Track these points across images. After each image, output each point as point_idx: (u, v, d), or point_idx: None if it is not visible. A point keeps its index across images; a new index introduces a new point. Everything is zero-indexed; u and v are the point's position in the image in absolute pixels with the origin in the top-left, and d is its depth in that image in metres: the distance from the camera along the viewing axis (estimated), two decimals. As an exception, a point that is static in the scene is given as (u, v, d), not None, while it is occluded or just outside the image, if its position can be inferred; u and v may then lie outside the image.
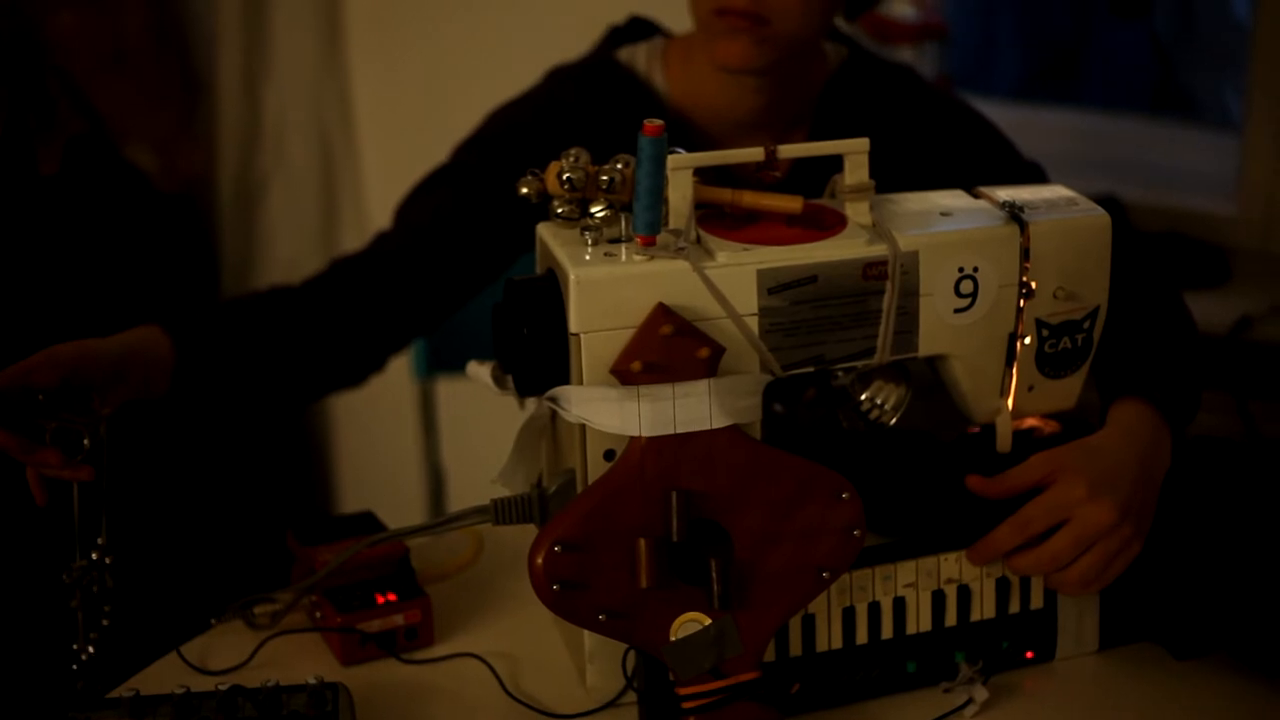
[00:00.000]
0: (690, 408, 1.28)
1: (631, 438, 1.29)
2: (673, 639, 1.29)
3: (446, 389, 2.32)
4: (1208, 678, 1.44)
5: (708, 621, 1.29)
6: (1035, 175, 1.76)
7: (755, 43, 1.61)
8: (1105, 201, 1.61)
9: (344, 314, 1.66)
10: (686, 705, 1.30)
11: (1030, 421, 1.49)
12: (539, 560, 1.27)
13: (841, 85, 1.74)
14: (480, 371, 1.42)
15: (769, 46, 1.62)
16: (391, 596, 1.47)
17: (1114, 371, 1.50)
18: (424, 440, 2.30)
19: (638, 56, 1.76)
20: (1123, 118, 3.25)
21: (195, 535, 2.77)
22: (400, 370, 2.37)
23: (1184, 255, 2.49)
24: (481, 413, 2.02)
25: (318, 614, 1.49)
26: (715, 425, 1.29)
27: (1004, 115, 1.93)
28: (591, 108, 1.72)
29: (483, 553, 1.61)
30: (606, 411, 1.29)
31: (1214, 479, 1.50)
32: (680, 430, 1.28)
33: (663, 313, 1.28)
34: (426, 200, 1.73)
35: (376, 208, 3.04)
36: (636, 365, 1.27)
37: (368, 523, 1.56)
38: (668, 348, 1.28)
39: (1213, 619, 1.43)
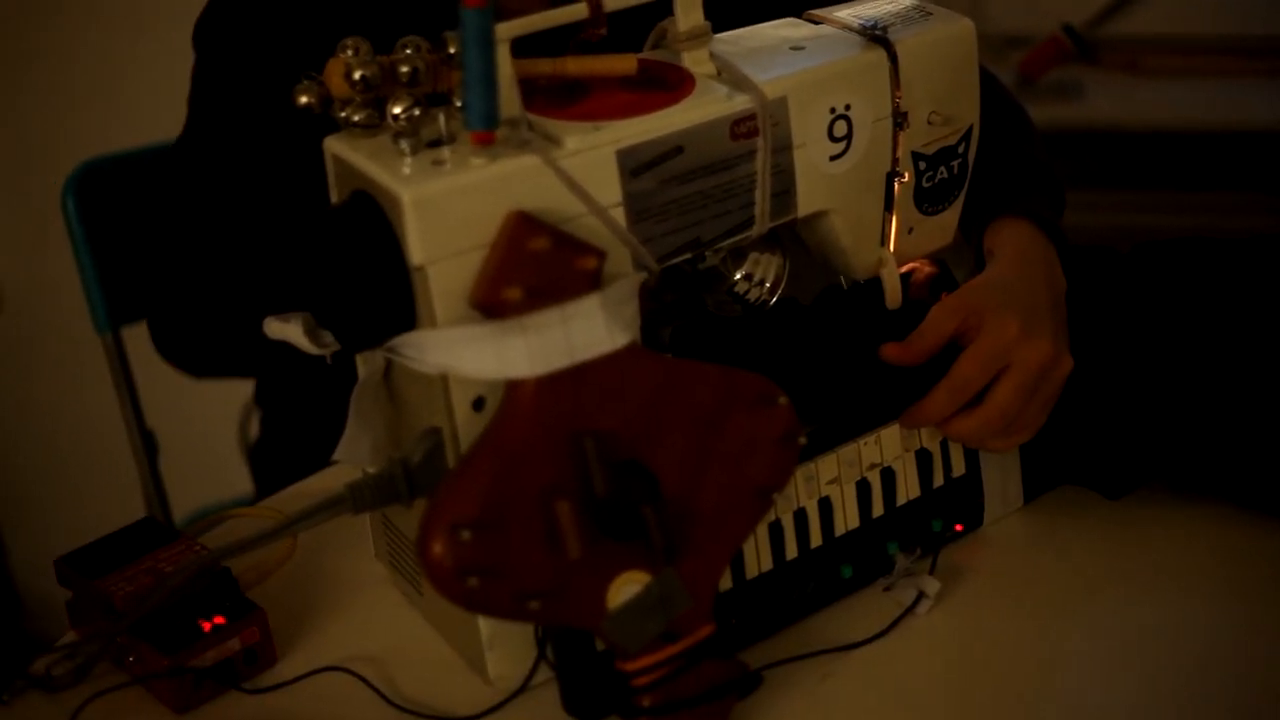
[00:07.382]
0: (584, 330, 1.05)
1: (511, 382, 1.05)
2: (610, 609, 1.07)
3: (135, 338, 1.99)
4: (1143, 506, 1.31)
5: (648, 579, 1.08)
6: None
7: None
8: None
9: None
10: (639, 683, 1.08)
11: (906, 266, 1.31)
12: (438, 550, 1.02)
13: None
14: (287, 329, 1.14)
15: None
16: (219, 619, 1.20)
17: (978, 194, 1.33)
18: (125, 403, 1.98)
19: None
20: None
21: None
22: (82, 327, 2.04)
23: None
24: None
25: (131, 658, 1.20)
26: (616, 345, 1.06)
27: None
28: None
29: (297, 538, 1.35)
30: (477, 354, 1.04)
31: (1095, 292, 1.36)
32: (578, 360, 1.05)
33: (527, 223, 1.04)
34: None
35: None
36: (515, 293, 1.03)
37: (153, 531, 1.29)
38: (544, 264, 1.04)
39: (1141, 450, 1.29)
